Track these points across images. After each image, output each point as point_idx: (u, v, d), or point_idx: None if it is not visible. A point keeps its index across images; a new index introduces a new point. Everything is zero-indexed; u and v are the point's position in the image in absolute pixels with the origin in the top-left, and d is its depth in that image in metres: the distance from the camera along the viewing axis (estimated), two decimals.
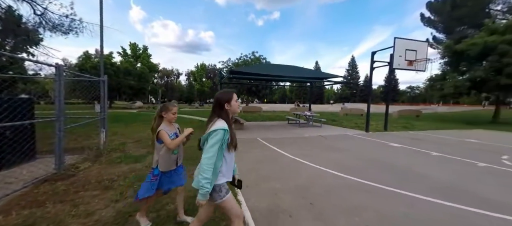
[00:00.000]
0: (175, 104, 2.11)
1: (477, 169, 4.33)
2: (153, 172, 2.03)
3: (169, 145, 1.90)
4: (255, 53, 27.86)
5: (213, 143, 1.37)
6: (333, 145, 6.53)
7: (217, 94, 1.57)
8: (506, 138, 8.47)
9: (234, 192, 2.97)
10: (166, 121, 2.03)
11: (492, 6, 25.36)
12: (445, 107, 42.43)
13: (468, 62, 14.06)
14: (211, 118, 1.51)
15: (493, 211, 2.56)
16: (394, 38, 8.10)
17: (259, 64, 23.25)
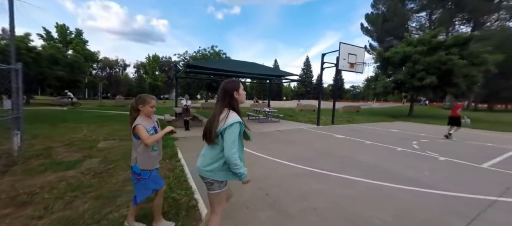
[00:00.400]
0: (153, 97, 1.95)
1: (396, 152, 5.42)
2: (134, 171, 1.86)
3: (146, 140, 1.75)
4: (214, 47, 27.08)
5: (234, 138, 1.41)
6: (289, 138, 7.04)
7: (224, 84, 1.54)
8: (417, 127, 10.82)
9: (192, 190, 2.91)
10: (143, 114, 1.87)
11: (410, 23, 31.49)
12: (378, 104, 50.65)
13: (393, 67, 17.18)
14: (221, 109, 1.48)
15: (406, 185, 3.29)
16: (340, 43, 9.23)
17: (219, 59, 22.73)
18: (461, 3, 26.46)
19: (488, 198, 2.91)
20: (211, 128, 1.47)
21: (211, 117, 1.51)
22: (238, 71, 10.16)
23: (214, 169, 1.49)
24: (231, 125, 1.40)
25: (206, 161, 1.52)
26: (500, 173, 4.07)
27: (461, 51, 14.29)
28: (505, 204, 2.77)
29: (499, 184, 3.47)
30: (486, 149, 6.13)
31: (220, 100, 1.51)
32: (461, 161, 4.74)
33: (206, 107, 20.52)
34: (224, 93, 1.50)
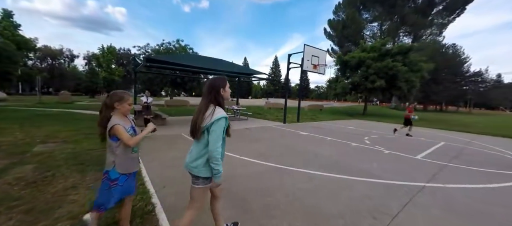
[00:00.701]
0: (130, 93, 1.82)
1: (351, 147, 6.01)
2: (109, 176, 1.67)
3: (129, 141, 1.61)
4: (180, 41, 25.58)
5: (219, 133, 1.46)
6: (256, 136, 7.15)
7: (211, 80, 1.58)
8: (369, 125, 12.20)
9: (149, 194, 2.71)
10: (119, 113, 1.71)
11: (365, 31, 35.10)
12: (339, 103, 55.35)
13: (351, 70, 18.98)
14: (207, 105, 1.51)
15: (357, 176, 3.67)
16: (304, 45, 9.76)
17: (185, 54, 21.59)
18: (404, 18, 30.76)
19: (419, 184, 3.46)
20: (196, 123, 1.50)
21: (196, 112, 1.54)
22: (205, 67, 9.83)
23: (199, 165, 1.53)
24: (218, 120, 1.45)
25: (193, 156, 1.56)
26: (429, 162, 4.88)
27: (403, 59, 16.63)
28: (430, 189, 3.32)
29: (428, 172, 4.16)
30: (420, 143, 7.27)
31: (206, 96, 1.54)
32: (401, 154, 5.53)
33: (171, 104, 19.34)
34: (210, 89, 1.54)
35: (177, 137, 6.35)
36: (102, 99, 1.75)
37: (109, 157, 1.69)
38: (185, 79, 23.41)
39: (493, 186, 3.56)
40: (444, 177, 3.86)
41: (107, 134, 1.65)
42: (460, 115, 31.68)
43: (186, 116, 12.55)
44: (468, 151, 6.36)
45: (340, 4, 36.60)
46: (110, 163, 1.68)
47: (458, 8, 30.12)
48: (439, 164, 4.76)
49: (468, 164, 4.80)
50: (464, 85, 43.04)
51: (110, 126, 1.62)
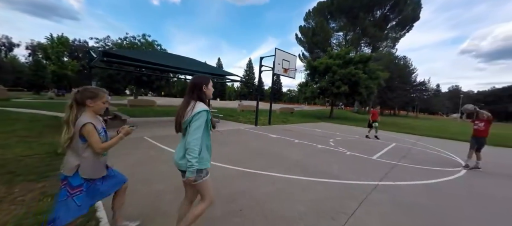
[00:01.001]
0: (105, 90, 1.69)
1: (316, 149, 6.32)
2: (70, 183, 1.49)
3: (98, 146, 1.50)
4: (147, 36, 23.76)
5: (199, 124, 1.49)
6: (227, 139, 7.00)
7: (194, 78, 1.65)
8: (334, 127, 13.06)
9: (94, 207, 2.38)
10: (91, 111, 1.57)
11: (332, 39, 37.71)
12: (309, 106, 58.20)
13: (319, 75, 20.15)
14: (189, 101, 1.56)
15: (319, 177, 3.83)
16: (275, 49, 9.99)
17: (152, 50, 20.13)
18: (365, 30, 34.03)
19: (373, 183, 3.78)
20: (178, 119, 1.56)
21: (179, 109, 1.58)
22: (175, 66, 9.30)
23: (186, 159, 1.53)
24: (198, 113, 1.49)
25: (180, 153, 1.57)
26: (383, 162, 5.39)
27: (364, 67, 18.32)
28: (383, 187, 3.65)
29: (381, 171, 4.58)
30: (376, 144, 8.02)
31: (188, 93, 1.60)
32: (360, 155, 6.00)
33: (135, 104, 17.82)
34: (193, 87, 1.60)
35: (139, 141, 5.83)
36: (71, 95, 1.55)
37: (71, 160, 1.49)
38: (153, 77, 21.84)
39: (432, 182, 4.08)
40: (394, 175, 4.29)
41: (75, 134, 1.48)
42: (409, 119, 36.22)
43: (152, 117, 11.68)
44: (414, 151, 7.24)
45: (310, 12, 38.75)
46: (71, 168, 1.48)
47: (408, 25, 34.59)
48: (391, 163, 5.29)
49: (414, 163, 5.44)
50: (412, 93, 49.45)
51: (80, 124, 1.47)
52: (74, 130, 1.48)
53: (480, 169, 5.11)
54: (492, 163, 6.04)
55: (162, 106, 19.48)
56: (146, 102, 18.65)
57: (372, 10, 33.98)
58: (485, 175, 4.85)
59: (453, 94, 73.15)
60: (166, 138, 6.42)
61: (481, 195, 3.66)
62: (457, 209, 3.02)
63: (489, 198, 3.55)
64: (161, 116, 12.47)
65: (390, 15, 34.40)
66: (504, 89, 72.08)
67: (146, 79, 21.01)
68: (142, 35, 23.08)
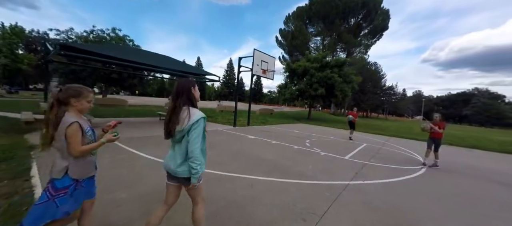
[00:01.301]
0: (90, 89, 1.60)
1: (293, 150, 6.41)
2: (55, 185, 1.43)
3: (75, 150, 1.42)
4: (117, 30, 22.05)
5: (198, 132, 1.49)
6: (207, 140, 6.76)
7: (179, 82, 1.57)
8: (311, 128, 13.49)
9: None
10: (75, 110, 1.51)
11: (310, 43, 39.08)
12: (289, 108, 59.56)
13: (298, 78, 20.69)
14: (180, 107, 1.51)
15: (294, 179, 3.86)
16: (254, 50, 9.99)
17: (122, 45, 18.74)
18: (340, 36, 35.93)
19: (344, 182, 3.92)
20: (171, 126, 1.52)
21: (170, 114, 1.54)
22: (148, 64, 8.77)
23: (180, 165, 1.55)
24: (197, 121, 1.48)
25: (177, 160, 1.55)
26: (354, 162, 5.66)
27: (339, 71, 19.26)
28: (353, 186, 3.81)
29: (352, 170, 4.79)
30: (349, 145, 8.43)
31: (175, 98, 1.54)
32: (334, 155, 6.23)
33: (103, 104, 16.42)
34: (180, 90, 1.54)
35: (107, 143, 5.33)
36: (53, 94, 1.49)
37: (59, 162, 1.45)
38: (124, 75, 20.34)
39: (397, 180, 4.37)
40: (364, 175, 4.52)
41: (60, 135, 1.41)
42: (379, 121, 38.99)
43: (123, 117, 10.85)
44: (382, 151, 7.75)
45: (289, 16, 39.75)
46: (60, 170, 1.44)
47: (378, 33, 37.36)
48: (361, 163, 5.58)
49: (382, 162, 5.81)
50: (382, 97, 53.37)
51: (66, 124, 1.40)
52: (58, 131, 1.42)
53: (439, 166, 5.63)
54: (449, 162, 6.72)
55: (134, 106, 18.26)
56: (117, 102, 17.31)
57: (347, 17, 36.02)
58: (443, 172, 5.36)
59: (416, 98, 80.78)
60: (134, 140, 5.98)
61: (440, 190, 4.01)
62: (420, 205, 3.26)
63: (447, 193, 3.90)
64: (132, 116, 11.67)
65: (363, 24, 36.80)
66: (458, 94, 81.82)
67: (117, 77, 19.44)
68: (111, 29, 21.39)
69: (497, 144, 12.11)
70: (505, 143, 13.08)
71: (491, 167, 6.52)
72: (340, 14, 34.60)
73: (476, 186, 4.51)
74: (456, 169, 5.83)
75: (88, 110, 1.60)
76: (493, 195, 4.06)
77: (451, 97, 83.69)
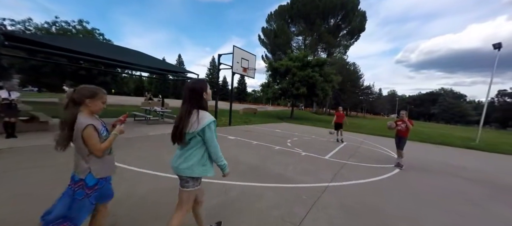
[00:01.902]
0: (104, 90, 1.60)
1: (273, 151, 6.26)
2: (86, 182, 1.47)
3: (96, 151, 1.46)
4: (84, 23, 20.09)
5: (211, 134, 1.54)
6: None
7: (191, 84, 1.57)
8: (294, 128, 13.54)
9: None
10: (89, 111, 1.50)
11: (293, 42, 39.60)
12: (273, 107, 59.91)
13: (280, 76, 20.76)
14: (190, 110, 1.51)
15: (273, 182, 3.68)
16: (233, 47, 9.68)
17: (90, 39, 17.14)
18: (321, 36, 36.91)
19: (323, 185, 3.83)
20: (180, 130, 1.52)
21: (180, 118, 1.53)
22: (120, 60, 8.06)
23: (191, 166, 1.57)
24: (209, 125, 1.51)
25: (182, 160, 1.59)
26: (334, 162, 5.66)
27: (320, 70, 19.67)
28: (332, 188, 3.73)
29: (331, 171, 4.75)
30: (330, 144, 8.52)
31: (187, 101, 1.53)
32: (314, 155, 6.20)
33: None
34: (192, 93, 1.53)
35: None
36: (68, 94, 1.49)
37: (81, 163, 1.49)
38: (94, 72, 18.69)
39: (374, 180, 4.41)
40: (343, 175, 4.49)
41: (78, 137, 1.43)
42: (358, 119, 40.82)
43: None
44: (361, 149, 7.93)
45: (272, 15, 39.93)
46: (84, 170, 1.48)
47: (356, 34, 39.03)
48: (341, 162, 5.60)
49: (360, 161, 5.89)
50: (360, 96, 55.97)
51: (81, 126, 1.42)
52: (74, 132, 1.44)
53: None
54: (422, 158, 7.06)
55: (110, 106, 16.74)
56: None
57: (327, 18, 37.09)
58: (417, 170, 5.56)
59: (391, 97, 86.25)
60: None
61: (415, 189, 4.10)
62: (396, 204, 3.26)
63: (422, 191, 4.00)
64: (103, 117, 10.68)
65: (342, 25, 38.16)
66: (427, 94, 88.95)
67: (85, 74, 17.69)
68: (78, 21, 19.39)
69: (459, 140, 13.18)
70: (466, 139, 14.32)
71: (459, 163, 6.97)
72: (320, 14, 35.51)
73: (445, 182, 4.72)
74: (429, 166, 6.11)
75: (102, 111, 1.59)
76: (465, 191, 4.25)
77: (421, 97, 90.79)
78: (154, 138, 6.67)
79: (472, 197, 3.92)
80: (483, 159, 8.21)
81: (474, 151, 10.03)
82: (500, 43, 11.62)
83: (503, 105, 52.16)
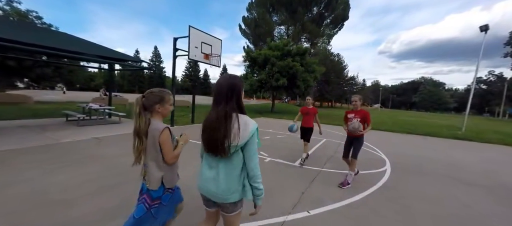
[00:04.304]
0: (169, 92, 1.55)
1: None
2: (150, 194, 1.48)
3: (171, 157, 1.46)
4: (14, 2, 16.58)
5: (255, 146, 1.24)
6: (101, 151, 4.67)
7: (228, 81, 1.25)
8: (270, 123, 12.21)
9: None
10: (160, 116, 1.50)
11: (275, 32, 38.15)
12: (257, 100, 58.55)
13: (259, 67, 19.27)
14: (230, 114, 1.20)
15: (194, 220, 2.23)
16: (189, 26, 7.96)
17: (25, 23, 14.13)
18: (304, 26, 35.76)
19: (279, 221, 2.44)
20: (219, 138, 1.17)
21: (216, 123, 1.19)
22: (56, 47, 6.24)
23: (239, 190, 1.27)
24: (255, 132, 1.24)
25: (224, 183, 1.24)
26: (305, 170, 4.35)
27: (301, 60, 18.45)
28: (292, 224, 2.36)
29: (299, 187, 3.41)
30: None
31: (224, 101, 1.21)
32: (281, 160, 4.86)
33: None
34: (230, 91, 1.22)
35: None
36: (137, 101, 1.43)
37: (155, 173, 1.45)
38: (28, 63, 15.42)
39: (358, 198, 3.12)
40: (312, 195, 3.16)
41: (154, 144, 1.41)
42: (342, 110, 40.83)
43: (14, 120, 7.72)
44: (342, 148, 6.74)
45: (253, 3, 37.93)
46: (157, 181, 1.45)
47: (339, 23, 38.37)
48: (314, 170, 4.30)
49: (340, 166, 4.60)
50: (344, 87, 56.34)
51: (158, 131, 1.39)
52: (149, 140, 1.42)
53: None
54: (411, 156, 6.00)
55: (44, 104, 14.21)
56: (15, 99, 13.12)
57: (310, 6, 35.93)
58: (409, 173, 4.42)
59: (375, 87, 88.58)
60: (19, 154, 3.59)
61: (412, 209, 2.86)
62: None
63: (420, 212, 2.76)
64: (31, 118, 8.53)
65: (325, 13, 37.20)
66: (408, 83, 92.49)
67: (13, 64, 14.44)
68: (5, 1, 15.92)
69: (445, 130, 12.67)
70: (452, 128, 13.93)
71: (454, 160, 6.01)
72: (302, 2, 34.24)
73: (446, 191, 3.58)
74: (422, 168, 5.01)
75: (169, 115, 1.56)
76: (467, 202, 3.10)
77: (403, 86, 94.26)
78: (70, 145, 4.92)
79: (491, 214, 2.77)
80: (475, 151, 7.41)
81: (462, 142, 9.36)
82: (487, 25, 11.01)
83: (480, 92, 55.18)
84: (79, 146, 5.05)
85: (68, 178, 3.21)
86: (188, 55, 8.09)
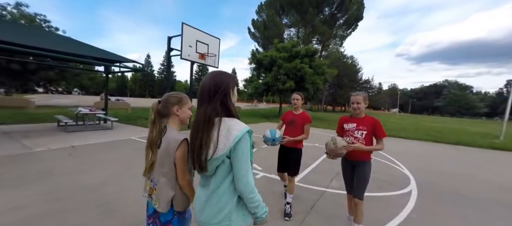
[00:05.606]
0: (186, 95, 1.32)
1: None
2: (160, 218, 1.20)
3: (185, 178, 1.17)
4: (21, 6, 16.90)
5: (247, 152, 0.95)
6: (64, 164, 4.09)
7: (213, 78, 1.02)
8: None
9: None
10: (177, 121, 1.27)
11: (285, 35, 37.54)
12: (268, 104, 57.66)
13: (265, 70, 18.55)
14: (212, 118, 0.97)
15: None
16: (182, 23, 7.41)
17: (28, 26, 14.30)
18: (315, 27, 34.83)
19: None
20: (196, 149, 0.97)
21: (194, 130, 0.99)
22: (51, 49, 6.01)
23: (230, 213, 0.96)
24: (241, 139, 0.93)
25: (212, 206, 0.98)
26: (305, 189, 3.50)
27: (310, 61, 17.50)
28: None
29: (292, 220, 2.57)
30: (308, 154, 6.35)
31: (206, 103, 0.99)
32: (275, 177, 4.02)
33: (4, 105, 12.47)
34: (213, 91, 0.98)
35: None
36: (153, 107, 1.24)
37: (167, 192, 1.17)
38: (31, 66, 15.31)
39: None
40: None
41: (168, 156, 1.14)
42: None
43: (10, 124, 7.54)
44: None
45: (262, 5, 37.68)
46: (168, 201, 1.16)
47: (353, 23, 36.99)
48: (317, 191, 3.44)
49: None
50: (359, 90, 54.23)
51: (175, 142, 1.12)
52: (162, 151, 1.16)
53: None
54: (442, 173, 4.91)
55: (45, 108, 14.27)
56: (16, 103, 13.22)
57: (321, 7, 35.01)
58: (441, 202, 3.41)
59: (392, 91, 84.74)
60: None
61: None
62: None
63: None
64: (28, 122, 8.34)
65: (337, 14, 36.07)
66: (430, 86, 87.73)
67: (5, 65, 14.13)
68: (15, 3, 16.41)
69: (479, 138, 11.14)
70: (486, 136, 12.29)
71: (500, 177, 4.84)
72: (313, 3, 33.40)
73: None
74: (460, 190, 3.96)
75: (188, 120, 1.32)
76: None
77: (424, 90, 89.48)
78: (47, 155, 4.40)
79: None
80: None
81: (504, 153, 7.96)
82: None
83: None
84: (47, 156, 4.52)
85: (48, 189, 2.60)
86: (180, 55, 7.52)
